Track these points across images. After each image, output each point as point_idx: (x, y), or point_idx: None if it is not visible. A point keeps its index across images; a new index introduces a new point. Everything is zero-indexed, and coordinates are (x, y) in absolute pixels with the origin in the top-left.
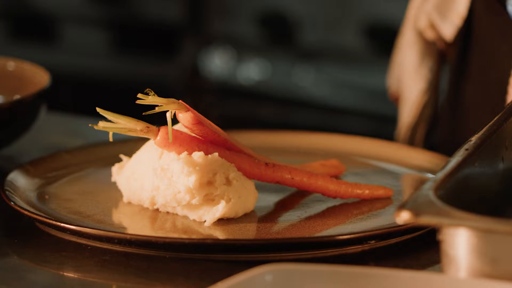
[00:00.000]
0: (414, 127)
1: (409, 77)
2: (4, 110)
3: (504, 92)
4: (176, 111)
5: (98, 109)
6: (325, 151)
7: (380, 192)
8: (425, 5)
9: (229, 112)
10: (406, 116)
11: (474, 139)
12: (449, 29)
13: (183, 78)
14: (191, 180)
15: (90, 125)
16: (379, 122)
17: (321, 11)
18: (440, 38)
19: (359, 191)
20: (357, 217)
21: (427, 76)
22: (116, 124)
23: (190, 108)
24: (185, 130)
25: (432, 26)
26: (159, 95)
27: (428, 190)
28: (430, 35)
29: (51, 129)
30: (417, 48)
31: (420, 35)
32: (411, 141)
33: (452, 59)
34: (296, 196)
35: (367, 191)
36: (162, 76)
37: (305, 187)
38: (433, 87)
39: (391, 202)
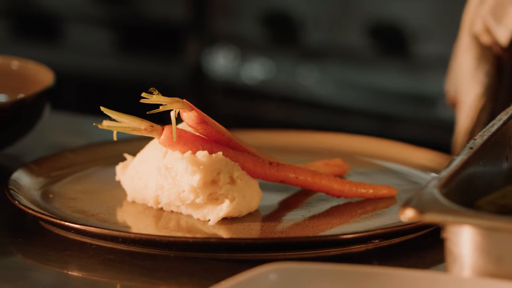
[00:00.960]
0: (471, 132)
1: (465, 82)
2: (8, 109)
3: None
4: (180, 110)
5: (102, 108)
6: (329, 151)
7: (384, 192)
8: (480, 9)
9: (233, 112)
10: (463, 121)
11: (478, 138)
12: (504, 34)
13: (187, 78)
14: (195, 179)
15: (94, 124)
16: (382, 121)
17: (325, 11)
18: (496, 42)
19: (363, 191)
20: (361, 217)
21: (484, 80)
22: (120, 123)
23: (194, 107)
24: (189, 129)
25: (488, 31)
26: (163, 95)
27: (433, 188)
28: (486, 39)
29: (55, 128)
30: (473, 52)
31: (476, 39)
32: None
33: (508, 64)
34: (300, 196)
35: (371, 191)
36: (166, 75)
37: (309, 186)
38: (490, 92)
39: (395, 201)
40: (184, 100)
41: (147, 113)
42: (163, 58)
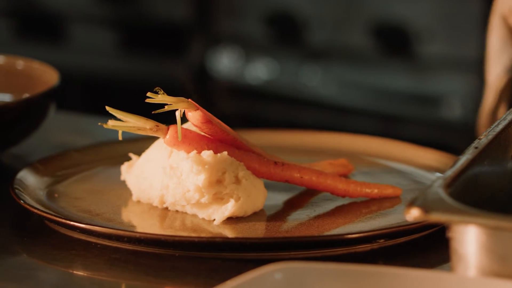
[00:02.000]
0: (494, 113)
1: (491, 61)
2: (14, 109)
3: None
4: (186, 109)
5: (107, 108)
6: (333, 151)
7: (389, 191)
8: None
9: (237, 111)
10: (486, 101)
11: (483, 137)
12: None
13: (190, 78)
14: (201, 178)
15: (99, 123)
16: (386, 121)
17: (329, 11)
18: None
19: (368, 190)
20: (366, 216)
21: (506, 61)
22: (125, 122)
23: (200, 107)
24: (194, 129)
25: None
26: (168, 94)
27: (438, 188)
28: None
29: (60, 128)
30: (500, 33)
31: (504, 20)
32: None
33: None
34: (305, 195)
35: (376, 190)
36: (170, 75)
37: (314, 186)
38: None
39: (400, 201)
40: (189, 99)
41: (153, 112)
42: (167, 58)
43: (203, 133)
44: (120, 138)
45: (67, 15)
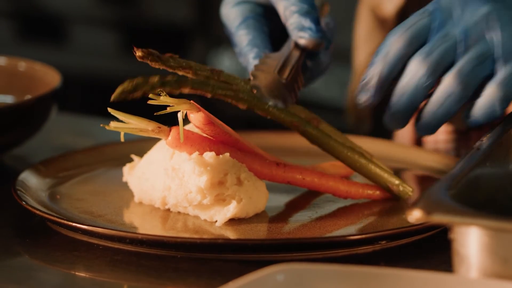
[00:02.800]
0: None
1: (358, 49)
2: (16, 110)
3: None
4: (188, 111)
5: (109, 110)
6: None
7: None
8: None
9: (239, 113)
10: (353, 83)
11: (485, 139)
12: (390, 7)
13: None
14: (202, 180)
15: (101, 125)
16: None
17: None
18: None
19: (369, 192)
20: (368, 218)
21: (370, 49)
22: (127, 124)
23: (201, 108)
24: (196, 130)
25: (381, 3)
26: (170, 96)
27: (440, 189)
28: (379, 12)
29: (62, 129)
30: (368, 23)
31: (372, 11)
32: (357, 109)
33: None
34: (307, 197)
35: (377, 192)
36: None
37: (316, 187)
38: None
39: (402, 202)
40: (191, 101)
41: (155, 114)
42: None
43: (205, 135)
44: (122, 139)
45: (68, 16)
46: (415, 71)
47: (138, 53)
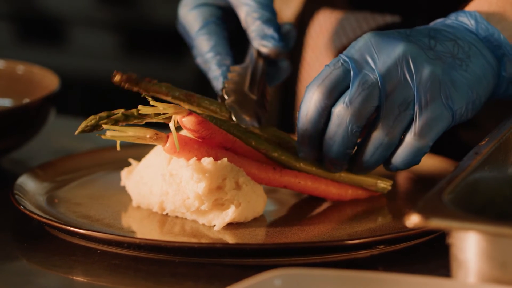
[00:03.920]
0: None
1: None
2: (14, 113)
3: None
4: (179, 116)
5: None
6: None
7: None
8: None
9: None
10: None
11: (484, 143)
12: (288, 13)
13: (192, 81)
14: (201, 186)
15: (97, 134)
16: None
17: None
18: None
19: (359, 192)
20: (366, 222)
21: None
22: (124, 132)
23: (190, 111)
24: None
25: None
26: (157, 101)
27: (438, 194)
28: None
29: (60, 133)
30: None
31: None
32: None
33: None
34: (306, 201)
35: (360, 191)
36: (171, 78)
37: (310, 191)
38: None
39: (400, 207)
40: (179, 105)
41: (145, 122)
42: (168, 61)
43: (201, 139)
44: (118, 148)
45: (68, 18)
46: (339, 121)
47: (116, 78)
